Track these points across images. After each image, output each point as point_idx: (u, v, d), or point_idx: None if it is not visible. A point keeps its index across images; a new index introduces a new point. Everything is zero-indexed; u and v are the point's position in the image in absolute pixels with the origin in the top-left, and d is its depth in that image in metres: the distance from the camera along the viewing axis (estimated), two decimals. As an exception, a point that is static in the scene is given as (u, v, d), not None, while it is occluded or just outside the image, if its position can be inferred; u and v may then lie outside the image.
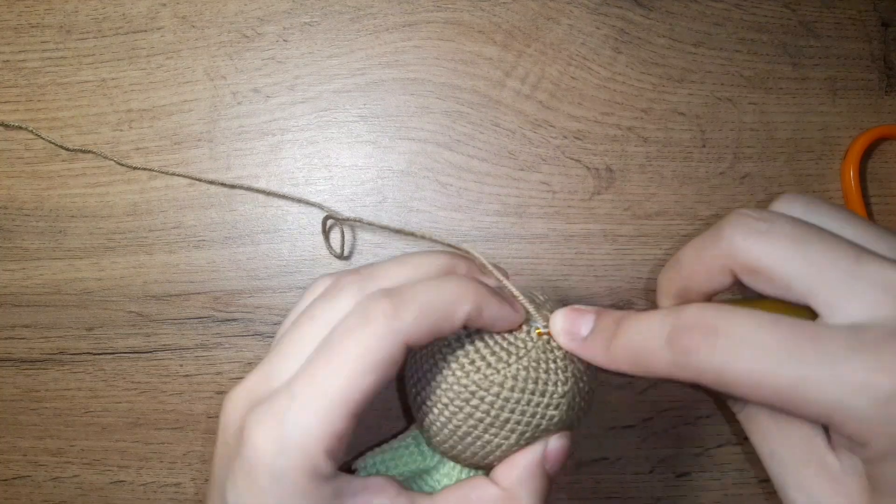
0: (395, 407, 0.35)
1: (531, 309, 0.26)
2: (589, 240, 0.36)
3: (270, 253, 0.36)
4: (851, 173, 0.36)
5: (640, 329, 0.24)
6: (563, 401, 0.25)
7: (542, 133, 0.36)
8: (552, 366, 0.25)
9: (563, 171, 0.36)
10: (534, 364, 0.25)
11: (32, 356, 0.36)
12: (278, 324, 0.35)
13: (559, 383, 0.25)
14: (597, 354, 0.25)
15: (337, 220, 0.29)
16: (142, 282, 0.36)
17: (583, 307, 0.26)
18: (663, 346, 0.22)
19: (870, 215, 0.37)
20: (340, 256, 0.30)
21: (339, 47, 0.37)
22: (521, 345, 0.26)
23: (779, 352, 0.21)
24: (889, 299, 0.21)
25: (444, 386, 0.25)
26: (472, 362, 0.25)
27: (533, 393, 0.25)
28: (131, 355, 0.36)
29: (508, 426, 0.25)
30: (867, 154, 0.37)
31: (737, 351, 0.21)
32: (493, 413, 0.25)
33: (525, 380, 0.25)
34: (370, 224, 0.28)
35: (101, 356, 0.36)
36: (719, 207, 0.36)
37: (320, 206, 0.34)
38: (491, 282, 0.27)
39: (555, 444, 0.26)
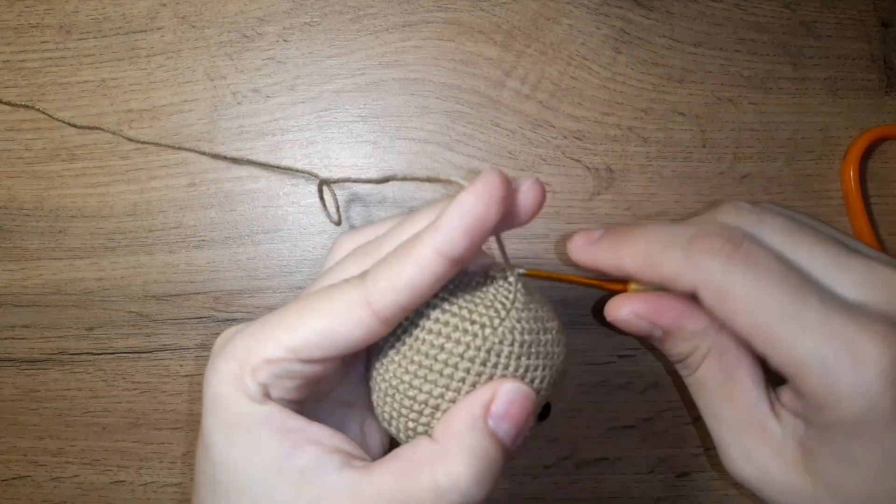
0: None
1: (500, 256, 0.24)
2: (589, 240, 0.36)
3: (270, 253, 0.36)
4: (851, 173, 0.36)
5: (661, 229, 0.24)
6: (524, 349, 0.22)
7: (542, 133, 0.36)
8: (508, 299, 0.23)
9: (563, 171, 0.36)
10: (489, 302, 0.23)
11: (32, 356, 0.36)
12: (278, 324, 0.36)
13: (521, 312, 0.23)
14: (602, 252, 0.25)
15: (332, 182, 0.29)
16: (142, 282, 0.36)
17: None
18: (682, 244, 0.22)
19: (870, 215, 0.37)
20: (338, 223, 0.31)
21: (339, 47, 0.37)
22: (491, 292, 0.23)
23: (787, 285, 0.21)
24: (882, 290, 0.21)
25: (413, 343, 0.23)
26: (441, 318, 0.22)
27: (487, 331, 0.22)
28: (131, 355, 0.36)
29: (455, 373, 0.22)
30: (867, 154, 0.37)
31: (749, 270, 0.21)
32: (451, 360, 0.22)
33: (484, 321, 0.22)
34: (359, 181, 0.28)
35: (101, 356, 0.36)
36: (719, 207, 0.37)
37: (313, 175, 0.34)
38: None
39: (505, 390, 0.22)
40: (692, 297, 0.23)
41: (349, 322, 0.21)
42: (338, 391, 0.26)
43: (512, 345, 0.22)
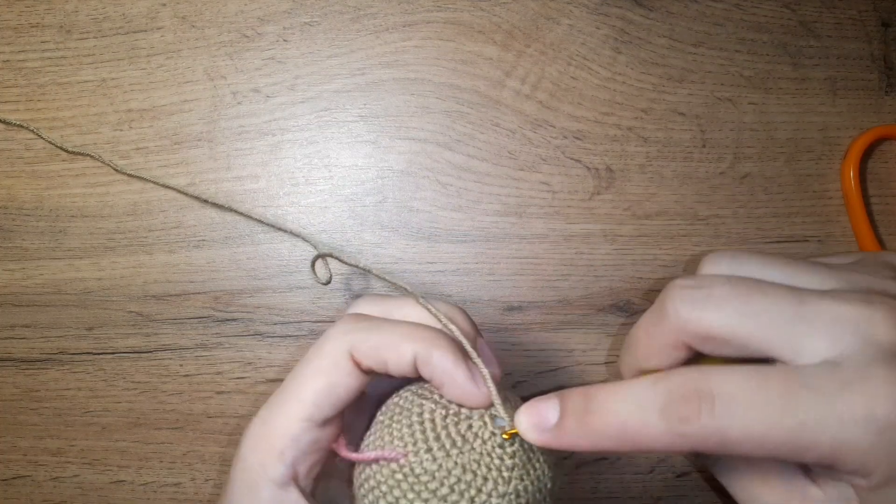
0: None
1: (496, 397, 0.24)
2: (589, 240, 0.36)
3: (270, 253, 0.36)
4: (851, 173, 0.36)
5: (625, 402, 0.22)
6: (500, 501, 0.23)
7: (542, 133, 0.36)
8: (495, 465, 0.23)
9: (563, 171, 0.36)
10: (475, 460, 0.23)
11: (32, 356, 0.36)
12: (278, 324, 0.36)
13: (498, 484, 0.23)
14: (574, 438, 0.22)
15: (327, 256, 0.30)
16: (142, 282, 0.36)
17: (542, 397, 0.24)
18: (657, 417, 0.21)
19: (870, 215, 0.37)
20: (327, 283, 0.31)
21: (339, 47, 0.37)
22: (474, 436, 0.24)
23: (776, 403, 0.20)
24: (844, 333, 0.21)
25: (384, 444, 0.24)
26: (423, 433, 0.24)
27: (463, 493, 0.23)
28: (131, 355, 0.36)
29: None
30: (867, 154, 0.37)
31: (737, 411, 0.21)
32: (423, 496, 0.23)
33: (459, 477, 0.23)
34: (366, 270, 0.29)
35: (101, 356, 0.36)
36: (719, 207, 0.37)
37: (309, 241, 0.35)
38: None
39: None
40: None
41: (342, 373, 0.25)
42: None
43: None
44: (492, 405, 0.24)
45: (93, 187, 0.36)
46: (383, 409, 0.26)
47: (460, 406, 0.25)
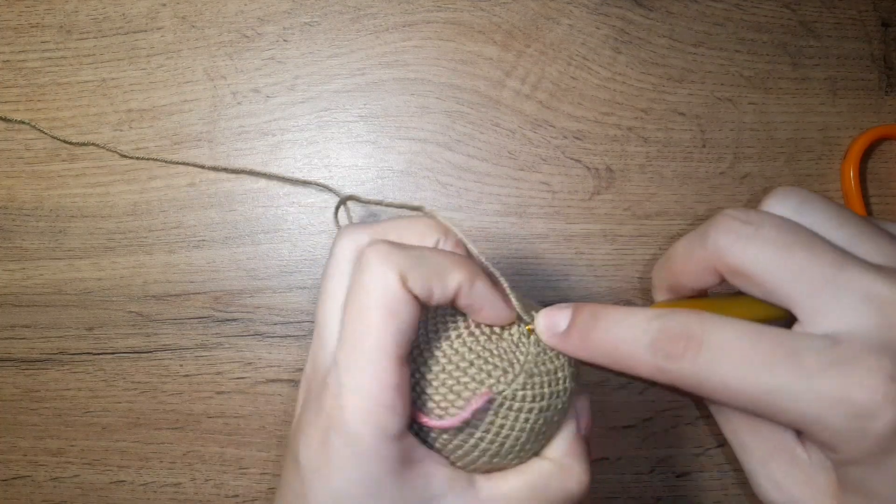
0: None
1: (518, 306, 0.26)
2: (589, 240, 0.36)
3: (270, 253, 0.36)
4: (851, 173, 0.36)
5: (622, 327, 0.23)
6: (569, 387, 0.26)
7: (542, 133, 0.36)
8: (552, 362, 0.25)
9: (563, 171, 0.36)
10: (537, 365, 0.25)
11: (32, 356, 0.36)
12: (278, 324, 0.36)
13: (561, 376, 0.25)
14: (575, 347, 0.25)
15: (348, 200, 0.29)
16: (142, 282, 0.36)
17: (561, 304, 0.26)
18: (646, 348, 0.23)
19: (870, 215, 0.37)
20: None
21: (339, 47, 0.37)
22: (516, 346, 0.26)
23: (759, 364, 0.21)
24: (868, 310, 0.21)
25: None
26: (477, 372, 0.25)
27: (542, 395, 0.25)
28: (131, 355, 0.36)
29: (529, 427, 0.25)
30: (867, 154, 0.37)
31: (719, 361, 0.21)
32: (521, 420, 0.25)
33: (540, 379, 0.25)
34: (381, 204, 0.29)
35: (101, 356, 0.36)
36: (719, 207, 0.36)
37: (332, 190, 0.35)
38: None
39: (582, 410, 0.27)
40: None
41: (404, 304, 0.23)
42: None
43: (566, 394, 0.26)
44: (516, 320, 0.26)
45: (93, 187, 0.36)
46: (415, 365, 0.26)
47: (488, 326, 0.26)
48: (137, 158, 0.36)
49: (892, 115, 0.37)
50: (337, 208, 0.29)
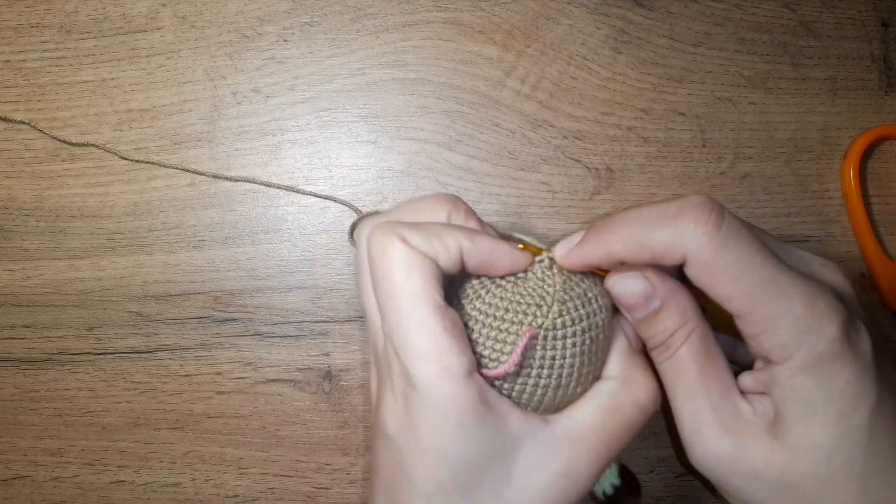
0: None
1: (532, 240, 0.27)
2: (589, 240, 0.36)
3: (270, 253, 0.36)
4: (851, 173, 0.36)
5: (642, 211, 0.24)
6: (602, 304, 0.26)
7: (542, 133, 0.36)
8: (579, 286, 0.26)
9: (563, 171, 0.36)
10: (566, 291, 0.26)
11: (32, 356, 0.36)
12: (278, 324, 0.36)
13: (591, 296, 0.26)
14: (593, 248, 0.25)
15: (364, 216, 0.30)
16: (142, 282, 0.36)
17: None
18: (669, 219, 0.23)
19: (870, 215, 0.37)
20: None
21: (339, 47, 0.37)
22: (545, 281, 0.26)
23: (766, 256, 0.23)
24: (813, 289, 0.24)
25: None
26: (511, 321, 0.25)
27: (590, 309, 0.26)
28: (131, 355, 0.36)
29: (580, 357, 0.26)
30: (867, 154, 0.37)
31: (734, 238, 0.23)
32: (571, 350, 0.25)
33: (575, 305, 0.26)
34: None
35: (101, 356, 0.36)
36: (719, 207, 0.37)
37: (350, 205, 0.35)
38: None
39: (626, 327, 0.27)
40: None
41: (420, 258, 0.24)
42: None
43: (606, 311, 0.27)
44: (533, 260, 0.27)
45: (93, 187, 0.36)
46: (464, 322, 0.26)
47: (511, 275, 0.26)
48: (137, 161, 0.36)
49: (892, 115, 0.37)
50: (353, 228, 0.30)
